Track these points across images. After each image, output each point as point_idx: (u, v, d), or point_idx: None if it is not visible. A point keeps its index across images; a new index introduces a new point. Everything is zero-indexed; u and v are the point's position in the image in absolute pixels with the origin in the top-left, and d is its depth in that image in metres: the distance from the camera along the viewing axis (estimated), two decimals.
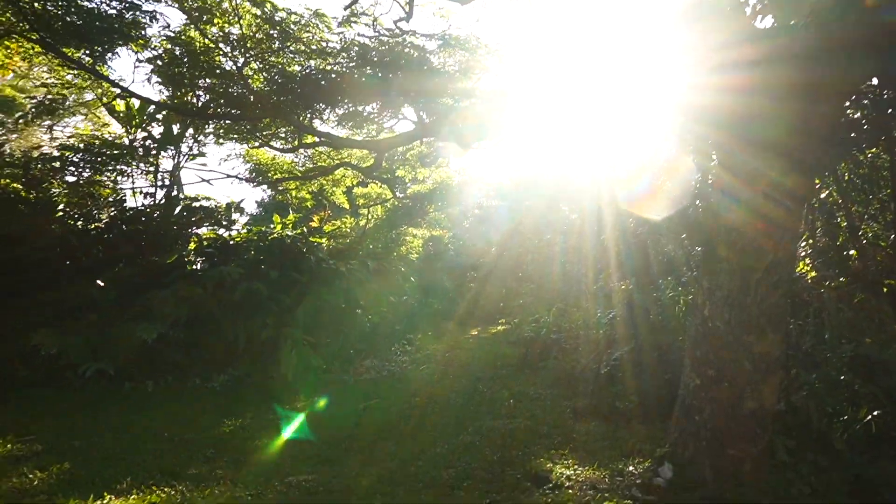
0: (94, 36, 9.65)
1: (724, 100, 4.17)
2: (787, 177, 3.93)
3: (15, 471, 4.79)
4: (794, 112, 3.85)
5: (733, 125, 4.16)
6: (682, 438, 4.42)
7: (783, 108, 3.86)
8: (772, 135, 3.90)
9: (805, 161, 3.99)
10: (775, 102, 3.86)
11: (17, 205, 9.50)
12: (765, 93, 3.89)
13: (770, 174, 3.94)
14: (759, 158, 3.99)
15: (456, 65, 11.49)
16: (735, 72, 3.95)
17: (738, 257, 4.11)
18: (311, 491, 4.55)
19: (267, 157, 15.99)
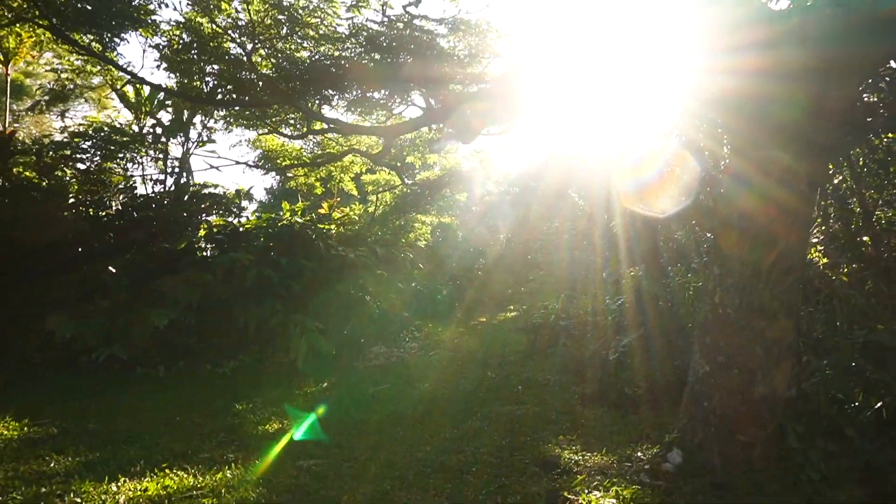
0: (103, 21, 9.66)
1: (736, 83, 4.11)
2: (801, 161, 3.88)
3: (32, 453, 4.88)
4: (808, 95, 3.79)
5: (745, 109, 4.11)
6: (691, 424, 4.42)
7: (797, 91, 3.80)
8: (785, 118, 3.85)
9: (819, 145, 3.93)
10: (789, 85, 3.80)
11: (30, 191, 9.58)
12: (778, 75, 3.83)
13: (784, 159, 3.89)
14: (773, 143, 3.93)
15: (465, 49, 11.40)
16: (747, 54, 3.89)
17: (750, 243, 4.08)
18: (321, 475, 4.59)
19: (276, 143, 16.01)
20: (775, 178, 3.93)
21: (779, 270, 4.08)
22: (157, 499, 4.08)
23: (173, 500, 4.07)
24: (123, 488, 4.23)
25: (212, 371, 8.72)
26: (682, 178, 8.16)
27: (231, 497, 4.16)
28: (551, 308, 11.18)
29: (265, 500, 4.10)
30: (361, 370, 9.29)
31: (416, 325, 12.79)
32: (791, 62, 3.72)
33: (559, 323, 10.63)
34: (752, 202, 4.11)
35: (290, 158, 16.13)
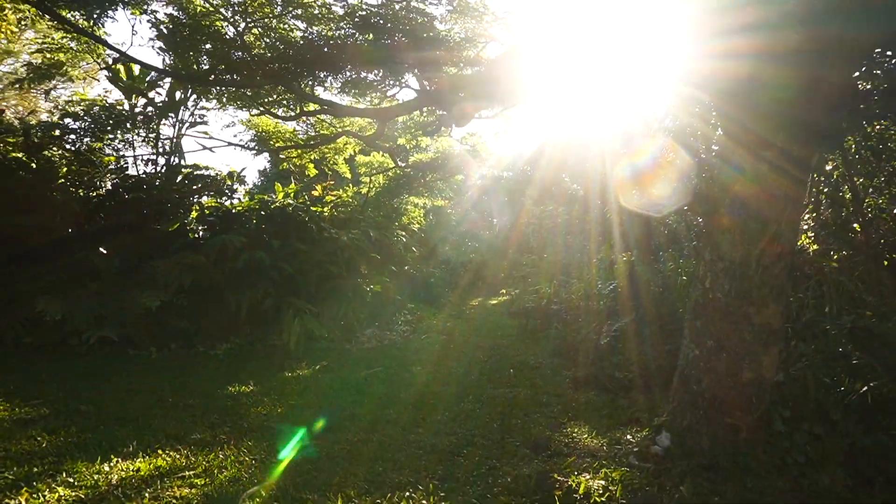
0: None
1: (728, 66, 4.08)
2: (794, 145, 3.87)
3: (24, 433, 4.87)
4: (802, 78, 3.77)
5: (737, 92, 4.09)
6: (680, 407, 4.46)
7: (791, 74, 3.78)
8: (779, 102, 3.83)
9: (813, 128, 3.92)
10: (783, 68, 3.78)
11: (18, 171, 9.46)
12: (771, 58, 3.80)
13: (776, 142, 3.88)
14: (766, 126, 3.92)
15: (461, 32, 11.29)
16: (740, 37, 3.85)
17: (741, 228, 4.09)
18: (314, 457, 4.62)
19: (269, 124, 15.86)
20: (768, 162, 3.93)
21: (769, 256, 4.10)
22: (149, 479, 4.10)
23: (165, 480, 4.08)
24: (115, 468, 4.24)
25: (204, 353, 8.72)
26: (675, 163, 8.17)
27: (223, 477, 4.18)
28: (544, 292, 11.23)
29: (257, 481, 4.12)
30: (354, 353, 9.31)
31: (408, 309, 12.82)
32: (784, 44, 3.69)
33: (551, 307, 10.69)
34: (744, 187, 4.11)
35: (283, 140, 15.99)
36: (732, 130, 4.31)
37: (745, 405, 4.09)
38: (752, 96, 3.93)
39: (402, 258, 14.45)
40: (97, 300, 8.65)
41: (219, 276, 9.31)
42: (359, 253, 11.23)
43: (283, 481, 4.09)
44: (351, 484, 4.06)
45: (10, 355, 7.83)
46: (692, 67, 4.71)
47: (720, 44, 4.02)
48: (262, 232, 10.47)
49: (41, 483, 3.89)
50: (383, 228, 13.89)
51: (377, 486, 4.05)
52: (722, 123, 4.67)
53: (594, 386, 6.90)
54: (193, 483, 4.06)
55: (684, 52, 4.79)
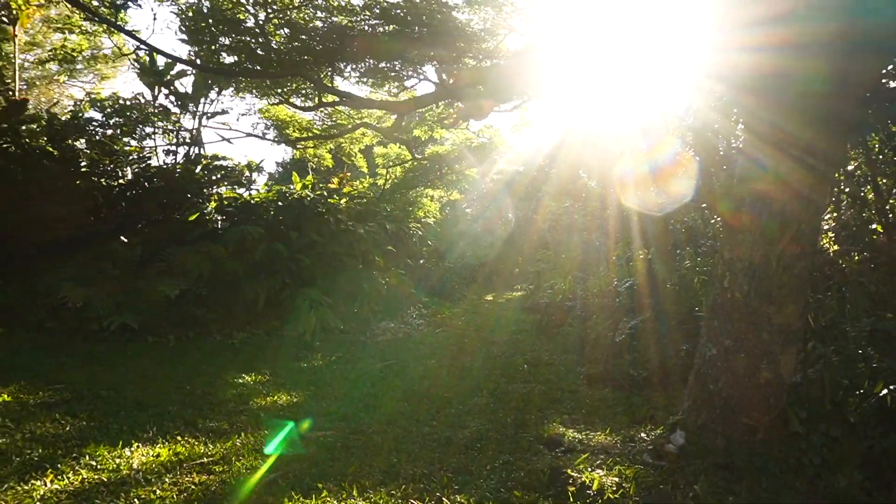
0: None
1: (753, 59, 4.03)
2: (821, 139, 3.81)
3: (48, 416, 4.99)
4: (830, 71, 3.70)
5: (763, 86, 4.03)
6: (696, 406, 4.45)
7: (818, 67, 3.71)
8: (806, 95, 3.77)
9: (842, 122, 3.86)
10: (811, 60, 3.71)
11: (42, 160, 9.61)
12: (798, 50, 3.74)
13: (803, 137, 3.82)
14: (790, 121, 3.87)
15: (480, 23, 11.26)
16: (766, 29, 3.79)
17: (763, 227, 4.06)
18: (330, 447, 4.68)
19: (286, 113, 15.95)
20: (792, 158, 3.88)
21: (790, 256, 4.07)
22: (169, 464, 4.18)
23: (185, 466, 4.16)
24: (136, 453, 4.33)
25: (221, 342, 8.82)
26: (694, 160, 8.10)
27: (241, 465, 4.25)
28: (559, 288, 11.20)
29: (273, 469, 4.18)
30: (369, 345, 9.38)
31: (423, 303, 12.86)
32: (813, 37, 3.63)
33: (566, 303, 10.67)
34: (766, 184, 4.07)
35: (300, 129, 16.08)
36: (755, 126, 4.27)
37: (761, 405, 4.07)
38: (778, 90, 3.88)
39: (417, 251, 14.50)
40: (118, 288, 8.78)
41: (237, 266, 9.41)
42: (375, 245, 11.28)
43: (300, 470, 4.15)
44: (366, 475, 4.11)
45: (35, 340, 7.98)
46: (715, 61, 4.67)
47: (744, 36, 3.97)
48: (280, 223, 10.56)
49: (65, 465, 3.99)
50: (399, 221, 13.93)
51: (392, 477, 4.10)
52: (744, 119, 4.62)
53: (609, 383, 6.89)
54: (212, 470, 4.13)
55: (706, 46, 4.74)
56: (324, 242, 10.34)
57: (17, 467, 3.91)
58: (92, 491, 3.66)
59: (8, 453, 4.11)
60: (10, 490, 3.59)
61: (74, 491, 3.64)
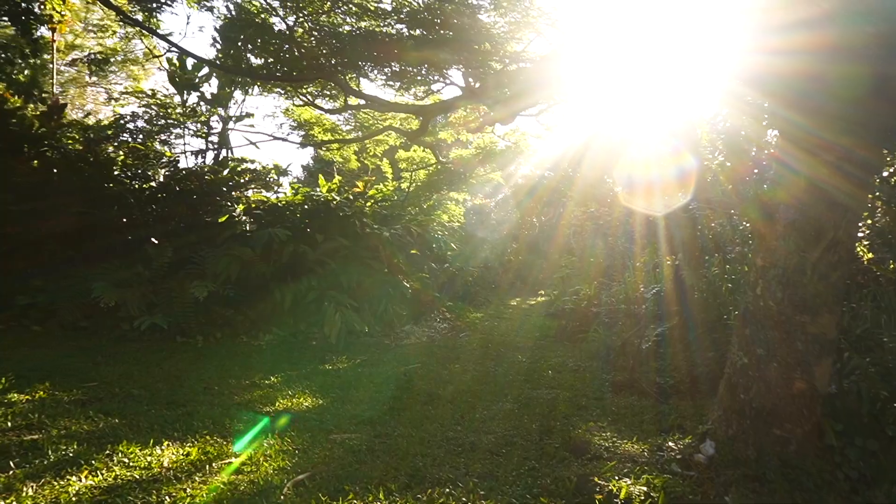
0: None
1: (788, 63, 3.94)
2: (859, 146, 3.72)
3: (82, 413, 5.11)
4: (868, 74, 3.60)
5: (799, 91, 3.94)
6: (726, 416, 4.37)
7: (857, 71, 3.62)
8: (843, 101, 3.68)
9: (878, 127, 3.76)
10: (848, 65, 3.62)
11: (77, 164, 9.87)
12: (835, 53, 3.65)
13: (840, 143, 3.73)
14: (827, 127, 3.78)
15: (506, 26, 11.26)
16: (803, 31, 3.72)
17: (797, 234, 3.97)
18: (355, 450, 4.70)
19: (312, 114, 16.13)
20: (828, 164, 3.80)
21: (825, 264, 3.98)
22: (198, 463, 4.24)
23: (214, 465, 4.22)
24: (167, 451, 4.41)
25: (248, 343, 8.93)
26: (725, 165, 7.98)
27: (268, 466, 4.30)
28: (584, 294, 11.11)
29: (300, 470, 4.22)
30: (393, 349, 9.41)
31: (447, 307, 12.86)
32: (851, 40, 3.54)
33: (591, 309, 10.58)
34: (801, 191, 3.99)
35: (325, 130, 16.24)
36: (790, 131, 4.18)
37: (795, 416, 3.98)
38: (813, 95, 3.80)
39: (442, 256, 14.51)
40: (149, 288, 8.96)
41: (264, 268, 9.53)
42: (399, 249, 11.33)
43: (327, 472, 4.18)
44: (392, 478, 4.12)
45: (69, 339, 8.19)
46: (746, 65, 4.58)
47: (778, 40, 3.89)
48: (307, 226, 10.67)
49: (99, 462, 4.07)
50: (424, 225, 13.97)
51: (418, 481, 4.10)
52: (778, 124, 4.53)
53: (635, 390, 6.81)
54: (241, 469, 4.18)
55: (738, 49, 4.66)
56: (349, 245, 10.42)
57: (53, 462, 4.01)
58: (125, 488, 3.73)
59: (44, 449, 4.22)
60: (46, 485, 3.68)
61: (108, 487, 3.71)
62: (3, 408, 5.12)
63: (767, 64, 4.19)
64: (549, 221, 19.40)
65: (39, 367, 6.54)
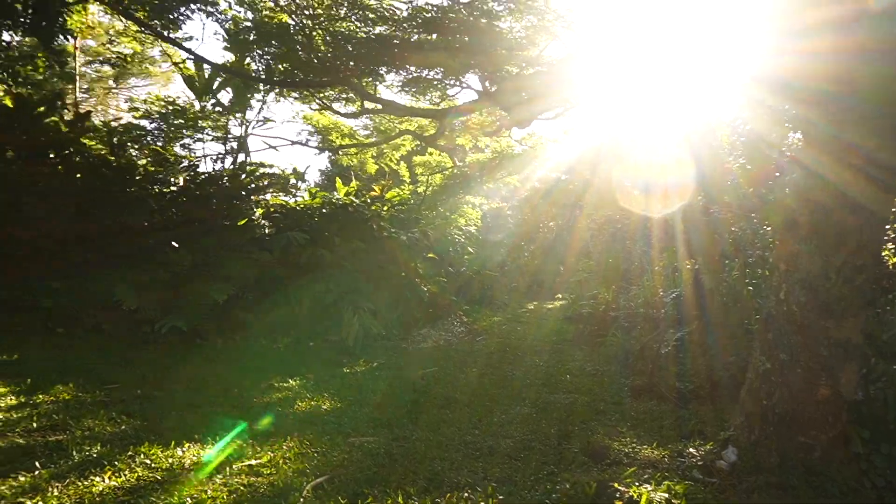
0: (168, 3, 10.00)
1: (812, 65, 3.89)
2: (884, 149, 3.64)
3: (105, 415, 5.19)
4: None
5: (822, 93, 3.89)
6: (748, 422, 4.31)
7: (885, 73, 3.56)
8: (870, 104, 3.62)
9: None
10: (876, 66, 3.56)
11: (100, 168, 10.03)
12: (863, 56, 3.59)
13: (865, 146, 3.67)
14: (852, 130, 3.72)
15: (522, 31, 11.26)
16: (829, 33, 3.66)
17: (821, 238, 3.92)
18: (373, 453, 4.70)
19: (329, 120, 16.27)
20: (854, 167, 3.74)
21: (850, 268, 3.91)
22: (218, 465, 4.28)
23: (234, 467, 4.25)
24: (188, 453, 4.46)
25: (266, 346, 9.00)
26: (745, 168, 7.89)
27: (287, 468, 4.32)
28: (602, 298, 11.04)
29: (319, 472, 4.23)
30: (410, 352, 9.42)
31: (464, 310, 12.85)
32: (880, 42, 3.48)
33: (609, 313, 10.50)
34: (825, 195, 3.93)
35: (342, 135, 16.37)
36: (813, 134, 4.13)
37: (820, 423, 3.92)
38: (839, 98, 3.75)
39: (459, 259, 14.51)
40: (169, 292, 9.07)
41: (282, 271, 9.60)
42: (417, 253, 11.35)
43: (346, 475, 4.19)
44: (410, 482, 4.12)
45: (91, 341, 8.31)
46: (769, 68, 4.53)
47: (803, 42, 3.84)
48: (324, 229, 10.73)
49: (122, 463, 4.13)
50: (441, 229, 13.98)
51: (436, 485, 4.09)
52: (801, 127, 4.47)
53: (654, 395, 6.74)
54: (260, 472, 4.21)
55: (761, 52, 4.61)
56: (366, 249, 10.46)
57: (77, 463, 4.08)
58: (147, 489, 3.78)
59: (69, 449, 4.29)
60: (71, 485, 3.74)
61: (131, 488, 3.76)
62: (29, 408, 5.22)
63: (791, 66, 4.13)
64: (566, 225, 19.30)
65: (62, 368, 6.65)
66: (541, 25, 10.82)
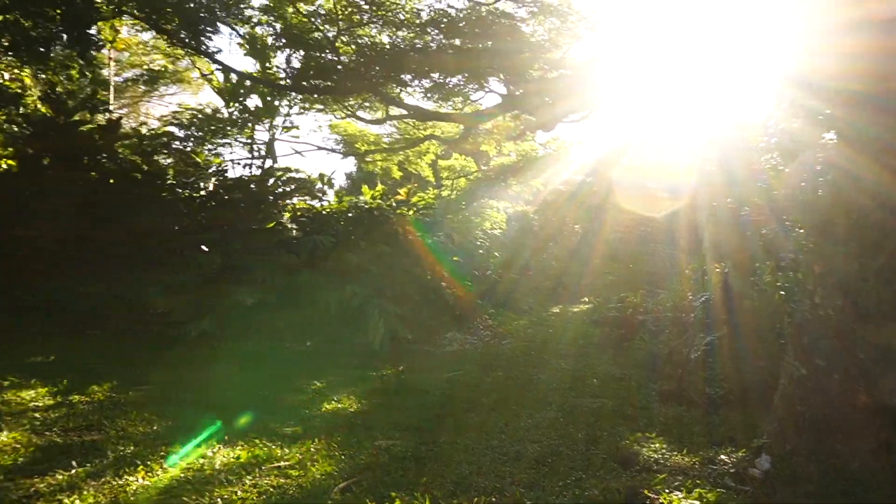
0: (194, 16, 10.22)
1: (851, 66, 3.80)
2: None
3: (138, 416, 5.29)
4: None
5: (860, 93, 3.80)
6: (783, 429, 4.22)
7: None
8: None
9: None
10: None
11: (132, 173, 10.25)
12: None
13: None
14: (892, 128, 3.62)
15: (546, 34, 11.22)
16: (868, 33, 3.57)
17: (859, 240, 3.81)
18: (401, 456, 4.71)
19: (355, 128, 16.42)
20: (892, 167, 3.63)
21: (889, 271, 3.80)
22: (248, 467, 4.33)
23: (263, 469, 4.30)
24: (218, 454, 4.52)
25: (293, 348, 9.09)
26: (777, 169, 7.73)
27: (315, 470, 4.35)
28: (629, 301, 10.92)
29: (347, 475, 4.25)
30: (436, 355, 9.42)
31: (489, 314, 12.81)
32: None
33: (637, 317, 10.38)
34: (862, 196, 3.83)
35: (368, 144, 16.51)
36: (850, 135, 4.03)
37: (859, 431, 3.81)
38: (878, 99, 3.66)
39: (484, 262, 14.49)
40: (198, 294, 9.21)
41: (309, 274, 9.69)
42: (442, 256, 11.37)
43: (373, 478, 4.20)
44: (437, 485, 4.11)
45: (123, 343, 8.48)
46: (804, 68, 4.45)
47: (843, 42, 3.75)
48: (350, 233, 10.81)
49: (155, 462, 4.21)
50: (466, 232, 13.98)
51: (463, 489, 4.08)
52: (837, 128, 4.36)
53: (683, 401, 6.64)
54: (288, 474, 4.24)
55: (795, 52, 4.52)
56: (392, 252, 10.51)
57: (111, 462, 4.17)
58: (179, 489, 3.84)
59: (104, 449, 4.38)
60: (106, 484, 3.82)
61: (164, 488, 3.83)
62: (65, 408, 5.36)
63: (826, 67, 4.05)
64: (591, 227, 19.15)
65: (96, 369, 6.80)
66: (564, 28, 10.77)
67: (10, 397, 5.52)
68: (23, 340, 7.84)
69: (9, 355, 7.00)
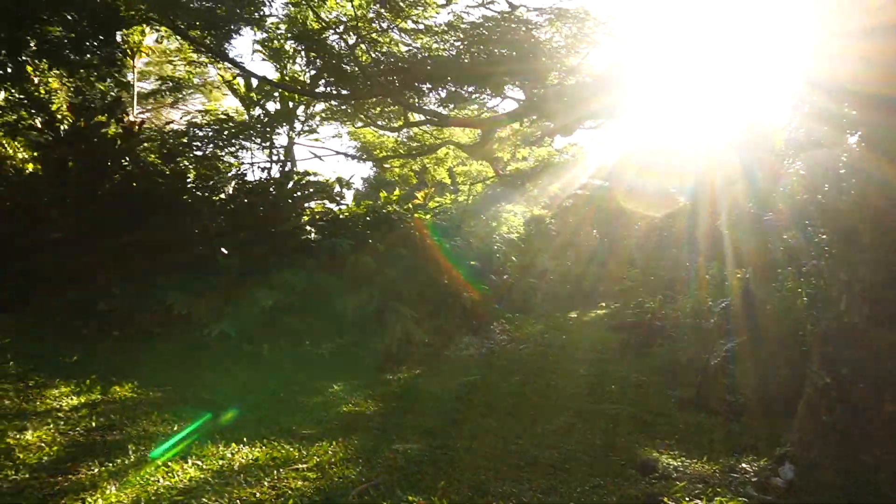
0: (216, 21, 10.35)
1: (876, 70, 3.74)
2: None
3: (159, 416, 5.36)
4: None
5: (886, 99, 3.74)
6: (806, 438, 4.15)
7: None
8: None
9: None
10: None
11: (154, 177, 10.39)
12: None
13: None
14: None
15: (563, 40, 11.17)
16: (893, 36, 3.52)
17: (886, 247, 3.75)
18: (417, 460, 4.70)
19: (373, 135, 16.49)
20: None
21: None
22: (266, 468, 4.35)
23: (281, 470, 4.32)
24: (237, 455, 4.55)
25: (311, 351, 9.12)
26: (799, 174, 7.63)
27: (333, 472, 4.36)
28: (648, 307, 10.83)
29: (365, 478, 4.26)
30: (452, 359, 9.43)
31: (506, 318, 12.79)
32: None
33: (655, 323, 10.29)
34: (888, 202, 3.77)
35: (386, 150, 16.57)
36: (875, 139, 3.97)
37: (886, 441, 3.73)
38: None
39: (501, 267, 14.47)
40: (219, 297, 9.30)
41: (327, 277, 9.74)
42: (459, 260, 11.37)
43: (390, 481, 4.21)
44: (455, 490, 4.11)
45: (144, 344, 8.58)
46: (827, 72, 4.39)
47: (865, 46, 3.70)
48: (368, 237, 10.85)
49: (175, 462, 4.26)
50: (483, 237, 13.98)
51: (481, 494, 4.07)
52: (862, 132, 4.30)
53: (703, 408, 6.58)
54: (307, 476, 4.26)
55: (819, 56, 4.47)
56: (410, 256, 10.53)
57: (133, 462, 4.22)
58: (199, 489, 3.87)
59: (126, 448, 4.44)
60: (127, 484, 3.86)
61: (184, 488, 3.86)
62: (89, 408, 5.44)
63: (850, 70, 3.99)
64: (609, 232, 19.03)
65: (118, 370, 6.89)
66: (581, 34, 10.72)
67: (36, 397, 5.62)
68: (46, 341, 7.97)
69: (33, 356, 7.12)
